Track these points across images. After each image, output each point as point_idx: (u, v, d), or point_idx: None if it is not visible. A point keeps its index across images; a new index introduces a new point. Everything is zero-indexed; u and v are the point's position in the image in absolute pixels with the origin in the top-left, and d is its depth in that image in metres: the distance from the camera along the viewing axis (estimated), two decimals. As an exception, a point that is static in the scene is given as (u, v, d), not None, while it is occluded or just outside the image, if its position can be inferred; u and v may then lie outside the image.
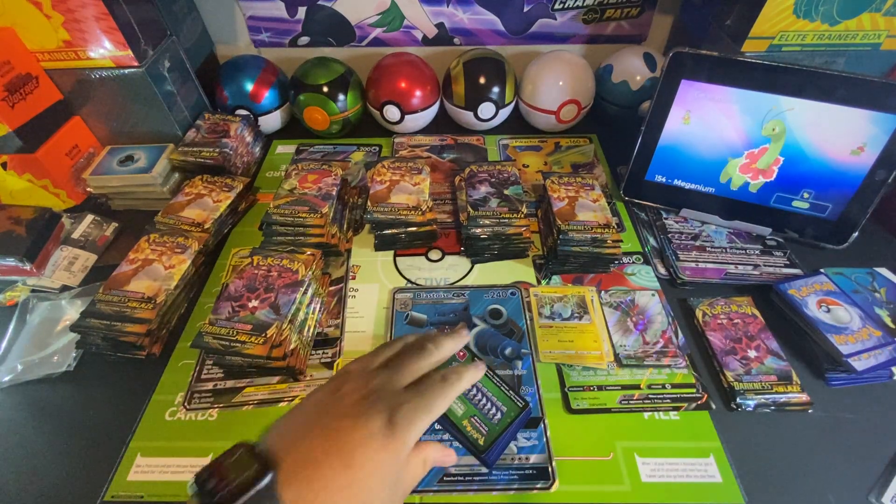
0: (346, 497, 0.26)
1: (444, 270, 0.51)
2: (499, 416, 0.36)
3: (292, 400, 0.41)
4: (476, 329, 0.45)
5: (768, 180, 0.50)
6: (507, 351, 0.43)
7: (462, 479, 0.36)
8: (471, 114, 0.66)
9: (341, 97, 0.64)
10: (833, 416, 0.40)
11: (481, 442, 0.35)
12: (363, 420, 0.28)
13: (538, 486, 0.36)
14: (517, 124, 0.71)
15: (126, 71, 0.55)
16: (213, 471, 0.25)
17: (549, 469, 0.36)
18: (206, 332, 0.39)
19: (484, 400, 0.37)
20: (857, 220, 0.49)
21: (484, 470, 0.36)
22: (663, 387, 0.41)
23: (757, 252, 0.52)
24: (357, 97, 0.66)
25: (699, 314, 0.46)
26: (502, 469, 0.36)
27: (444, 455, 0.32)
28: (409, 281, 0.50)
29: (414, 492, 0.32)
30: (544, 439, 0.38)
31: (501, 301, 0.47)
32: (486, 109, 0.65)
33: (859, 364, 0.40)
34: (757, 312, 0.46)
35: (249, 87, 0.65)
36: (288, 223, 0.49)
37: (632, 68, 0.65)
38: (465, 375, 0.32)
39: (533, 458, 0.37)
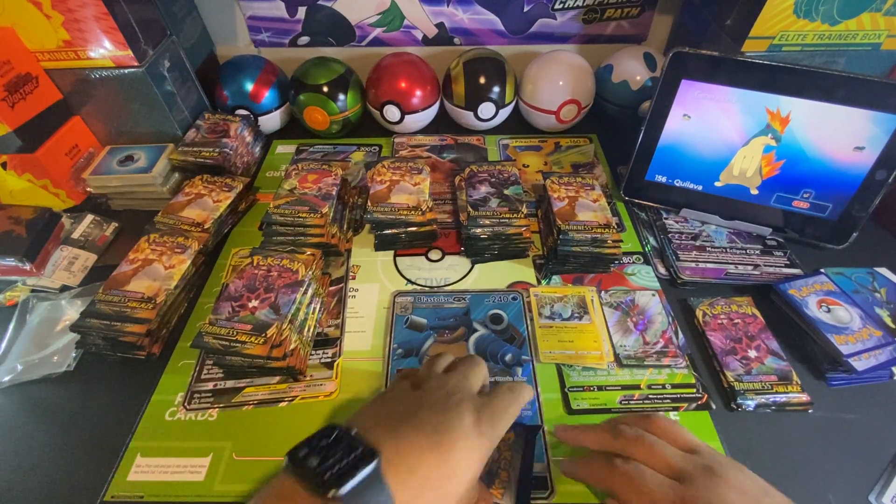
0: (445, 490, 0.26)
1: (444, 270, 0.51)
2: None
3: (292, 400, 0.40)
4: (476, 334, 0.45)
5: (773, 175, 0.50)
6: (508, 357, 0.43)
7: None
8: (471, 114, 0.66)
9: (341, 97, 0.64)
10: (833, 416, 0.40)
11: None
12: (455, 416, 0.28)
13: (537, 497, 0.35)
14: (517, 124, 0.71)
15: (126, 71, 0.55)
16: (310, 449, 0.25)
17: (548, 478, 0.36)
18: (206, 332, 0.39)
19: None
20: (857, 220, 0.49)
21: None
22: (663, 387, 0.41)
23: (757, 252, 0.51)
24: (357, 97, 0.66)
25: (699, 314, 0.46)
26: None
27: None
28: (409, 281, 0.50)
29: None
30: (543, 448, 0.37)
31: (502, 306, 0.47)
32: (486, 109, 0.65)
33: (859, 364, 0.40)
34: (757, 312, 0.46)
35: (249, 87, 0.65)
36: (288, 223, 0.49)
37: (632, 68, 0.65)
38: (525, 389, 0.33)
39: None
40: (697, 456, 0.30)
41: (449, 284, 0.50)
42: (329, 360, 0.43)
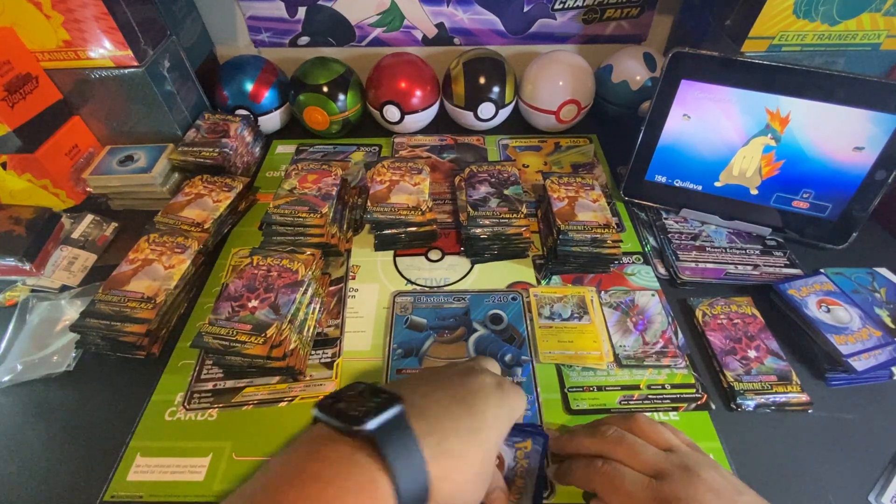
0: (472, 440, 0.27)
1: (443, 270, 0.51)
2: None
3: (292, 400, 0.40)
4: (476, 334, 0.45)
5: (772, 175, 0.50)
6: (507, 357, 0.43)
7: None
8: (471, 114, 0.66)
9: (341, 97, 0.64)
10: (833, 416, 0.40)
11: None
12: (478, 381, 0.30)
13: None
14: (517, 124, 0.71)
15: (126, 71, 0.55)
16: (337, 399, 0.27)
17: (548, 478, 0.35)
18: (206, 332, 0.39)
19: None
20: (857, 220, 0.49)
21: None
22: (663, 387, 0.41)
23: (757, 252, 0.51)
24: (357, 97, 0.66)
25: (699, 314, 0.46)
26: None
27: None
28: (408, 281, 0.50)
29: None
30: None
31: (502, 306, 0.47)
32: (486, 109, 0.65)
33: (859, 364, 0.40)
34: (757, 312, 0.46)
35: (249, 87, 0.65)
36: (288, 223, 0.49)
37: (632, 68, 0.65)
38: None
39: None
40: (675, 455, 0.30)
41: (449, 284, 0.50)
42: (329, 360, 0.43)
